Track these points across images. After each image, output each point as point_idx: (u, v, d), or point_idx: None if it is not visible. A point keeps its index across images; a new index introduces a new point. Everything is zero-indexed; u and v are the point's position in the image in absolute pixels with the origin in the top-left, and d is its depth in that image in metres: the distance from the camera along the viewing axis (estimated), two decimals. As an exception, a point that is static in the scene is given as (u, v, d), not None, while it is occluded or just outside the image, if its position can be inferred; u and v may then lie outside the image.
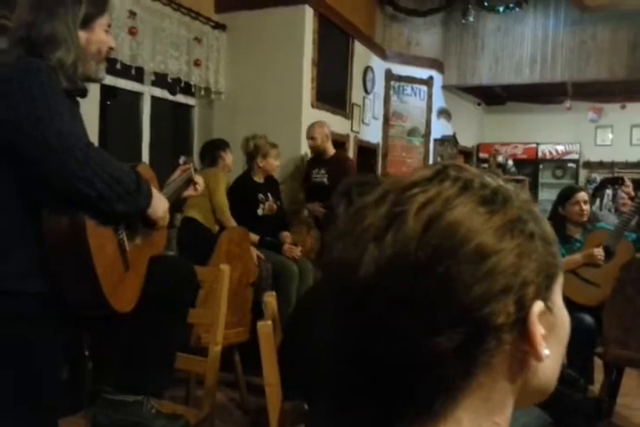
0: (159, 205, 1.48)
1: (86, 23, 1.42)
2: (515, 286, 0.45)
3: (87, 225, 1.30)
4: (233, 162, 3.90)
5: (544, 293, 0.48)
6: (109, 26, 1.51)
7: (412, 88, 7.11)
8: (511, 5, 6.48)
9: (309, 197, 4.35)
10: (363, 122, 6.28)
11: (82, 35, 1.42)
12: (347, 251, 0.49)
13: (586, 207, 3.12)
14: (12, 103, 1.24)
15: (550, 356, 0.47)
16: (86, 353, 2.16)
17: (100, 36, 1.46)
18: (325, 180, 4.23)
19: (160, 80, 4.40)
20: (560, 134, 8.97)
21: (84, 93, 1.49)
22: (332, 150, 4.35)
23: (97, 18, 1.45)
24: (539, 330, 0.46)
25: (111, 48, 1.50)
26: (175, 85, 4.56)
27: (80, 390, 2.12)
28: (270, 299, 1.54)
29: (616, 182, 6.65)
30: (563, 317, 0.52)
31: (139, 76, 4.27)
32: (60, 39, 1.36)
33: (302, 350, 1.18)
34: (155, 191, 1.47)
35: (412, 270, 0.45)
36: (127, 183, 1.32)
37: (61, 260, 1.29)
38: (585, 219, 3.13)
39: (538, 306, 0.47)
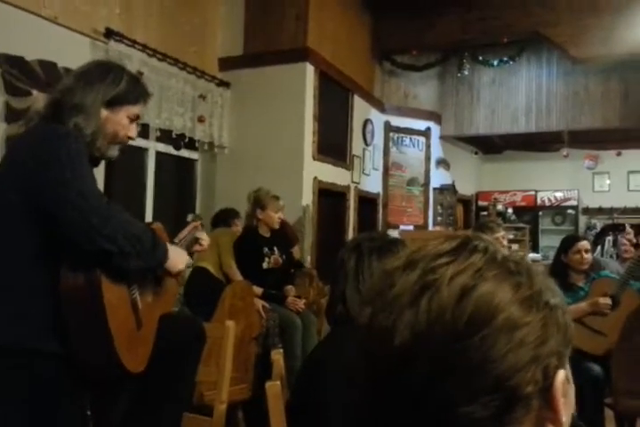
0: (177, 259, 1.52)
1: (112, 104, 1.50)
2: (542, 355, 0.48)
3: (103, 283, 1.32)
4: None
5: (563, 361, 0.50)
6: (138, 117, 1.57)
7: (411, 139, 7.26)
8: (505, 59, 6.71)
9: None
10: (363, 173, 6.38)
11: (103, 112, 1.49)
12: (379, 316, 0.50)
13: (587, 256, 3.14)
14: (41, 166, 1.32)
15: (565, 422, 0.49)
16: (88, 413, 2.11)
17: (120, 119, 1.52)
18: None
19: (165, 136, 4.51)
20: (558, 181, 9.07)
21: (96, 163, 1.57)
22: None
23: (126, 104, 1.52)
24: (561, 398, 0.48)
25: (130, 137, 1.57)
26: (179, 141, 4.66)
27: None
28: (278, 357, 1.54)
29: (616, 229, 6.68)
30: (572, 384, 0.54)
31: (144, 132, 4.37)
32: (83, 108, 1.45)
33: (313, 411, 1.17)
34: (172, 246, 1.52)
35: (449, 339, 0.46)
36: (145, 241, 1.38)
37: (76, 317, 1.31)
38: (586, 267, 3.15)
39: (561, 374, 0.49)
